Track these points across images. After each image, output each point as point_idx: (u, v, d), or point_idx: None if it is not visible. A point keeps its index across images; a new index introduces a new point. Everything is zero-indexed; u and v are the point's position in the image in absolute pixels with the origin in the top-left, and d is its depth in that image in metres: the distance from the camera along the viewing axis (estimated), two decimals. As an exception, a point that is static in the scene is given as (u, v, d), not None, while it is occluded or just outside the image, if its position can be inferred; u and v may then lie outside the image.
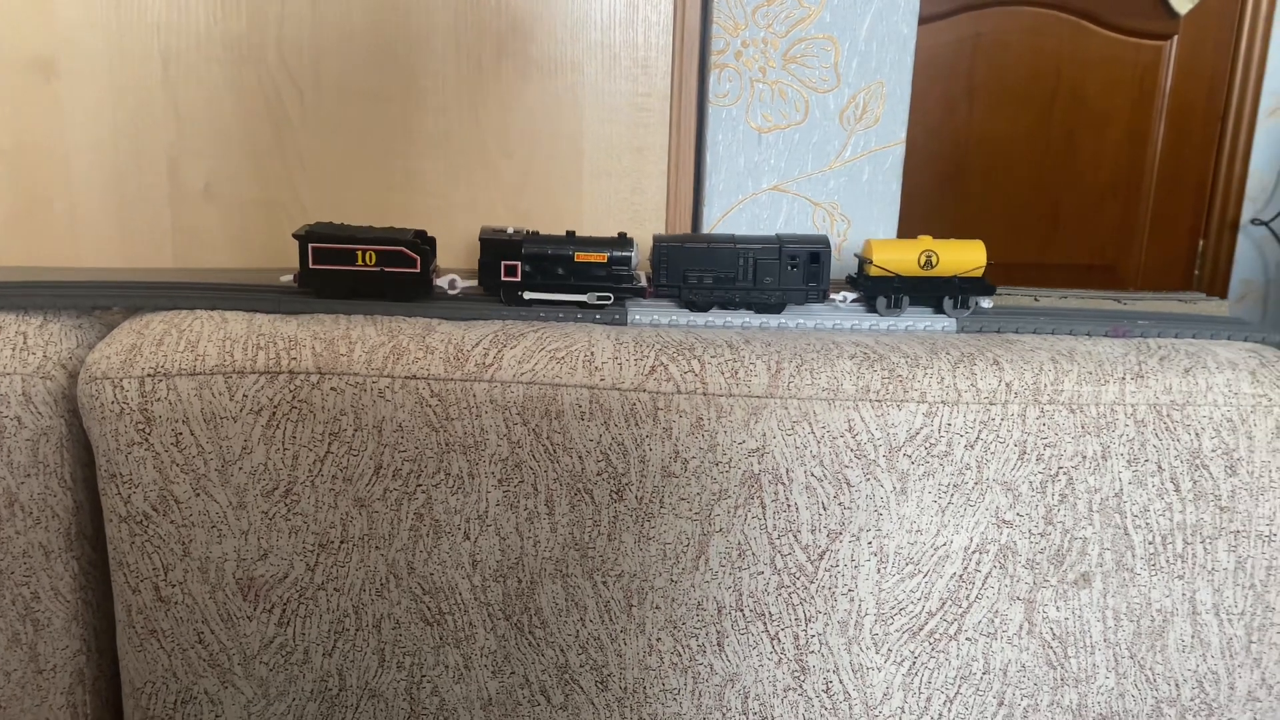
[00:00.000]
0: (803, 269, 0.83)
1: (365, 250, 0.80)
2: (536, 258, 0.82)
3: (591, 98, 0.95)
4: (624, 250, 0.82)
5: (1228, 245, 2.98)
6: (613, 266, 0.82)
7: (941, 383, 0.73)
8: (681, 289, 0.84)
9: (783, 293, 0.84)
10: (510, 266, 0.81)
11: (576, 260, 0.82)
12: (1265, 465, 0.75)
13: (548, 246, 0.82)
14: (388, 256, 0.80)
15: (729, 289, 0.84)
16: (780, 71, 0.94)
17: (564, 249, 0.82)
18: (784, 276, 0.83)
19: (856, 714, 0.77)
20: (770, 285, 0.84)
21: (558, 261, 0.82)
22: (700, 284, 0.83)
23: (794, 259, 0.83)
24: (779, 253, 0.83)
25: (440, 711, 0.76)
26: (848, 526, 0.73)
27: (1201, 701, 0.79)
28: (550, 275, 0.82)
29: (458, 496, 0.72)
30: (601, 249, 0.82)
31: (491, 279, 0.82)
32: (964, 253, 0.85)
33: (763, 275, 0.83)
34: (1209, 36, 2.80)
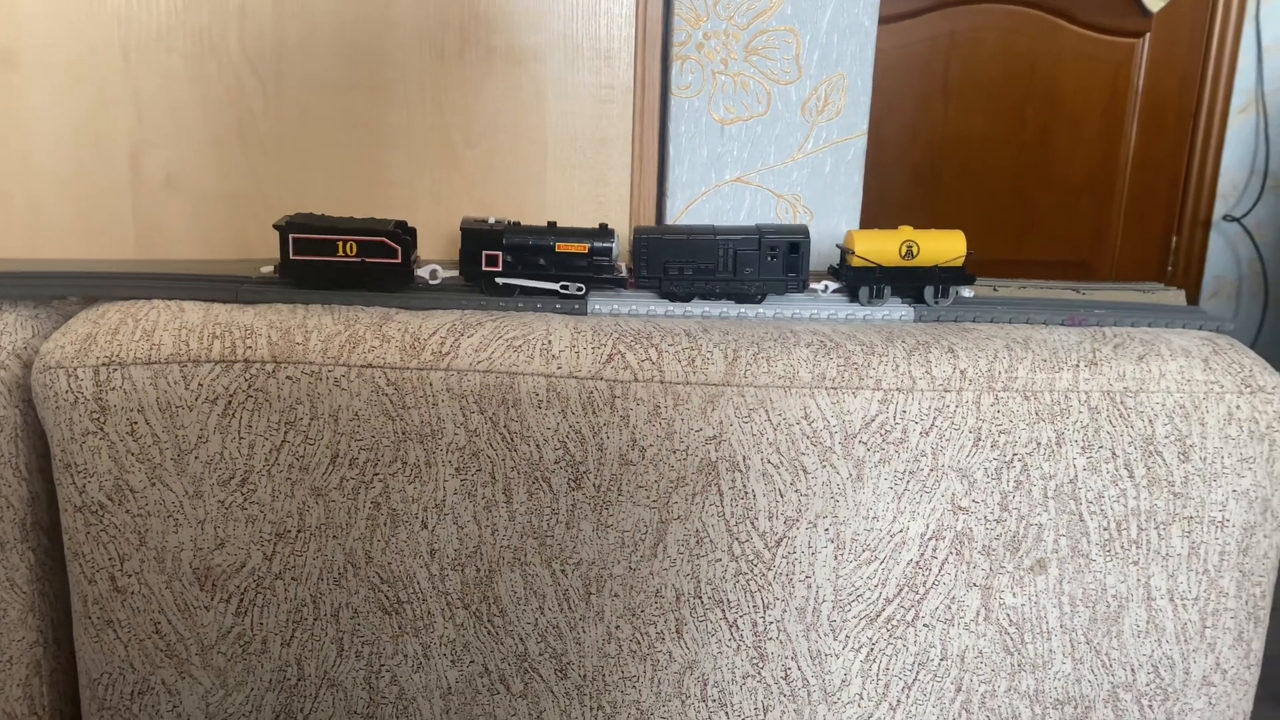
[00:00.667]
0: (782, 259, 0.84)
1: (346, 241, 0.80)
2: (517, 248, 0.82)
3: (555, 89, 0.95)
4: (605, 241, 0.83)
5: (1200, 242, 3.01)
6: (594, 257, 0.83)
7: (897, 370, 0.73)
8: (662, 280, 0.84)
9: (763, 283, 0.84)
10: (491, 256, 0.82)
11: (557, 250, 0.82)
12: (1217, 451, 0.76)
13: (529, 237, 0.82)
14: (369, 247, 0.80)
15: (709, 280, 0.84)
16: (742, 63, 0.94)
17: (545, 239, 0.82)
18: (764, 267, 0.84)
19: (815, 701, 0.77)
20: (750, 276, 0.84)
21: (538, 252, 0.82)
22: (681, 275, 0.83)
23: (774, 249, 0.83)
24: (759, 243, 0.84)
25: (399, 701, 0.76)
26: (804, 513, 0.74)
27: (1157, 686, 0.80)
28: (531, 265, 0.82)
29: (415, 485, 0.72)
30: (582, 239, 0.83)
31: (472, 269, 0.82)
32: (944, 243, 0.86)
33: (743, 266, 0.84)
34: (1181, 34, 2.82)
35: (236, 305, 0.75)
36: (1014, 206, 2.86)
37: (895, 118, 2.73)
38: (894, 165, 2.78)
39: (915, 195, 2.81)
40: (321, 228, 0.80)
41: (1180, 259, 3.01)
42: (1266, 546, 0.79)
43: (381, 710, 0.76)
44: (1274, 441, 0.76)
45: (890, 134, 2.74)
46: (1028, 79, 2.76)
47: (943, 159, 2.78)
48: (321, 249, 0.80)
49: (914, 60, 2.69)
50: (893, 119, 2.73)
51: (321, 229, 0.79)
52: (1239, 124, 2.95)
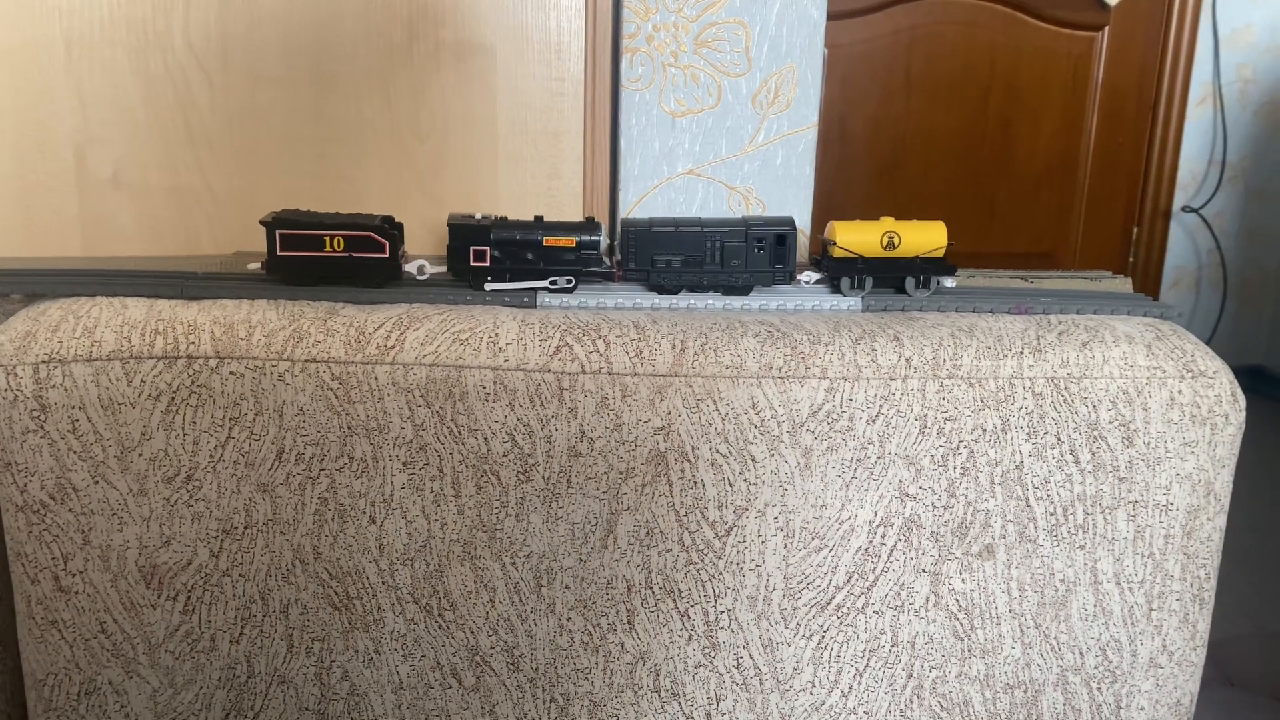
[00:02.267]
0: (769, 251, 0.84)
1: (333, 236, 0.79)
2: (505, 243, 0.82)
3: (505, 82, 0.95)
4: (592, 234, 0.83)
5: (1161, 232, 3.05)
6: (581, 250, 0.83)
7: (843, 359, 0.74)
8: (650, 272, 0.84)
9: (750, 274, 0.85)
10: (479, 252, 0.82)
11: (545, 245, 0.82)
12: (1161, 436, 0.77)
13: (516, 232, 0.82)
14: (356, 242, 0.79)
15: (697, 272, 0.84)
16: (692, 56, 0.94)
17: (532, 234, 0.82)
18: (751, 258, 0.84)
19: (767, 689, 0.78)
20: (737, 267, 0.85)
21: (526, 246, 0.82)
22: (669, 267, 0.84)
23: (760, 241, 0.84)
24: (745, 235, 0.84)
25: (351, 696, 0.76)
26: (754, 502, 0.74)
27: (1105, 669, 0.81)
28: (519, 260, 0.82)
29: (362, 480, 0.72)
30: (570, 233, 0.83)
31: (460, 264, 0.82)
32: (926, 234, 0.86)
33: (729, 258, 0.84)
34: (1139, 28, 2.85)
35: (181, 301, 0.74)
36: (976, 199, 2.89)
37: (858, 112, 2.75)
38: (858, 159, 2.80)
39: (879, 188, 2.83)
40: (308, 223, 0.79)
41: (1141, 250, 3.04)
42: (1210, 529, 0.80)
43: (333, 706, 0.76)
44: (1215, 425, 0.77)
45: (854, 128, 2.76)
46: (988, 72, 2.78)
47: (906, 152, 2.80)
48: (308, 244, 0.79)
49: (876, 55, 2.71)
50: (856, 113, 2.75)
51: (308, 224, 0.79)
52: (1197, 116, 2.99)
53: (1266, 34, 2.95)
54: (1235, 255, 3.13)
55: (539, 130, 0.96)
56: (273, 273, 0.80)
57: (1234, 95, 2.98)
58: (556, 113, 0.95)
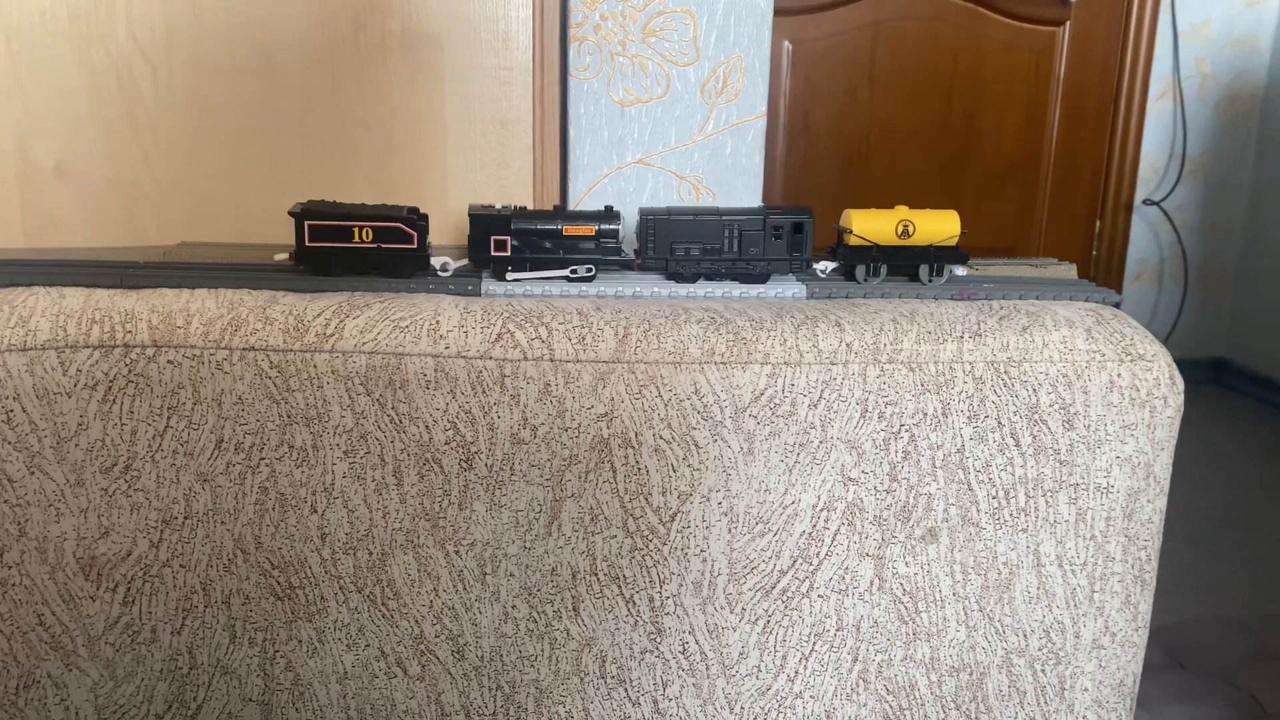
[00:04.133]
0: (786, 239, 0.85)
1: (362, 227, 0.80)
2: (525, 233, 0.82)
3: (452, 71, 0.94)
4: (611, 223, 0.84)
5: (1123, 226, 3.08)
6: (601, 239, 0.84)
7: (784, 344, 0.74)
8: (669, 261, 0.85)
9: (767, 263, 0.86)
10: (499, 241, 0.82)
11: (565, 234, 0.83)
12: (1100, 419, 0.77)
13: (536, 221, 0.83)
14: (385, 233, 0.80)
15: (715, 260, 0.85)
16: (640, 45, 0.95)
17: (552, 223, 0.83)
18: (768, 247, 0.85)
19: (714, 674, 0.78)
20: (755, 255, 0.86)
21: (546, 236, 0.83)
22: (687, 255, 0.85)
23: (778, 229, 0.85)
24: (763, 223, 0.85)
25: (295, 687, 0.76)
26: (697, 488, 0.74)
27: (1049, 651, 0.82)
28: (539, 250, 0.83)
29: (303, 469, 0.72)
30: (589, 222, 0.84)
31: (481, 254, 0.83)
32: (940, 222, 0.88)
33: (747, 246, 0.85)
34: (1099, 23, 2.88)
35: (120, 291, 0.74)
36: (940, 193, 2.91)
37: (823, 107, 2.76)
38: (823, 154, 2.81)
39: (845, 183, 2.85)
40: (337, 214, 0.80)
41: (1104, 243, 3.07)
42: (1150, 511, 0.81)
43: (277, 697, 0.76)
44: (1154, 408, 0.78)
45: (819, 123, 2.77)
46: (951, 67, 2.80)
47: (870, 147, 2.82)
48: (337, 235, 0.80)
49: (840, 50, 2.72)
50: (821, 108, 2.76)
51: (337, 215, 0.80)
52: (1157, 110, 3.02)
53: (1225, 29, 2.98)
54: (1196, 248, 3.16)
55: (488, 120, 0.96)
56: (301, 263, 0.81)
57: (1193, 90, 3.02)
58: (505, 102, 0.95)
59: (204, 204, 0.89)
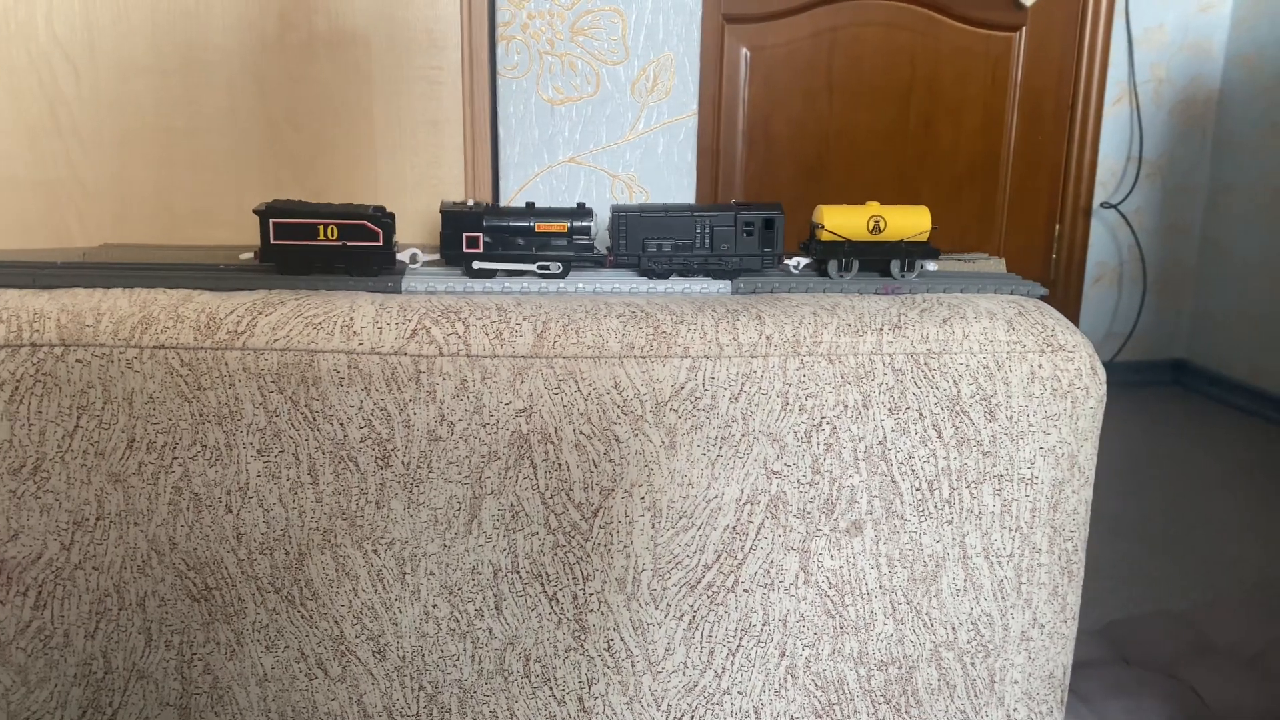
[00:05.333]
0: (758, 235, 0.86)
1: (327, 225, 0.80)
2: (497, 229, 0.83)
3: (381, 70, 0.94)
4: (583, 220, 0.84)
5: (1082, 229, 3.10)
6: (573, 236, 0.84)
7: (704, 337, 0.74)
8: (641, 257, 0.85)
9: (739, 258, 0.86)
10: (471, 238, 0.82)
11: (537, 231, 0.84)
12: (1023, 410, 0.78)
13: (508, 218, 0.83)
14: (350, 230, 0.80)
15: (688, 256, 0.86)
16: (569, 44, 0.94)
17: (525, 220, 0.83)
18: (740, 243, 0.86)
19: (639, 671, 0.77)
20: (727, 251, 0.86)
21: (518, 233, 0.83)
22: (660, 251, 0.85)
23: (749, 225, 0.85)
24: (734, 219, 0.85)
25: (214, 690, 0.75)
26: (619, 483, 0.74)
27: (978, 644, 0.82)
28: (511, 246, 0.83)
29: (216, 468, 0.71)
30: (561, 219, 0.84)
31: (453, 251, 0.83)
32: (910, 218, 0.89)
33: (719, 242, 0.86)
34: (1055, 28, 2.91)
35: (30, 290, 0.73)
36: (900, 198, 2.92)
37: (782, 113, 2.77)
38: (782, 160, 2.82)
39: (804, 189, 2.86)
40: (302, 212, 0.80)
41: (1064, 246, 3.09)
42: (1076, 502, 0.81)
43: (195, 701, 0.75)
44: (1077, 399, 0.78)
45: (778, 130, 2.78)
46: (909, 73, 2.82)
47: (830, 153, 2.83)
48: (303, 233, 0.80)
49: (797, 56, 2.73)
50: (779, 115, 2.77)
51: (302, 214, 0.80)
52: (1114, 114, 3.05)
53: (1179, 34, 3.02)
54: (1155, 251, 3.19)
55: (418, 120, 0.95)
56: (266, 261, 0.81)
57: (1149, 94, 3.05)
58: (435, 102, 0.95)
59: (130, 205, 0.88)
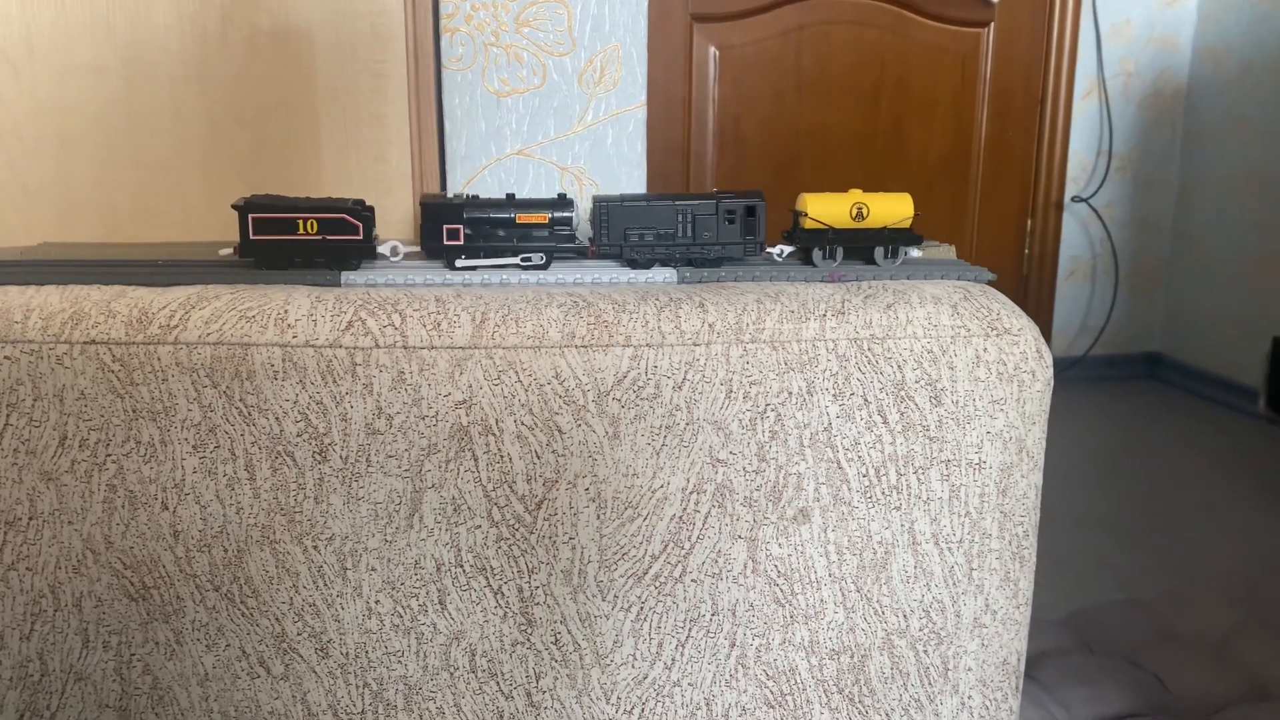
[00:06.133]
0: (739, 223, 0.86)
1: (307, 219, 0.80)
2: (478, 221, 0.82)
3: (325, 65, 0.93)
4: (564, 211, 0.84)
5: (1054, 224, 3.11)
6: (554, 227, 0.84)
7: (646, 326, 0.73)
8: (623, 247, 0.85)
9: (721, 247, 0.86)
10: (452, 230, 0.82)
11: (518, 222, 0.83)
12: (969, 394, 0.77)
13: (489, 210, 0.83)
14: (330, 224, 0.80)
15: (670, 245, 0.86)
16: (514, 35, 0.94)
17: (505, 211, 0.83)
18: (722, 231, 0.86)
19: (587, 664, 0.77)
20: (709, 240, 0.86)
21: (499, 224, 0.83)
22: (642, 241, 0.85)
23: (730, 213, 0.85)
24: (716, 208, 0.85)
25: (154, 690, 0.74)
26: (563, 474, 0.73)
27: (930, 631, 0.81)
28: (492, 238, 0.83)
29: (151, 465, 0.70)
30: (542, 210, 0.84)
31: (434, 243, 0.83)
32: (893, 205, 0.89)
33: (701, 231, 0.85)
34: (1023, 23, 2.92)
35: (-39, 289, 0.72)
36: (872, 195, 2.93)
37: (752, 113, 2.77)
38: (753, 159, 2.82)
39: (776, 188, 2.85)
40: (281, 207, 0.80)
41: (1036, 241, 3.10)
42: (1025, 486, 0.81)
43: (135, 702, 0.74)
44: (1023, 382, 0.78)
45: (748, 129, 2.78)
46: (879, 70, 2.82)
47: (800, 151, 2.83)
48: (282, 228, 0.80)
49: (766, 55, 2.73)
50: (749, 114, 2.77)
51: (281, 208, 0.80)
52: (1084, 108, 3.06)
53: (1145, 28, 3.03)
54: (1127, 244, 3.21)
55: (363, 114, 0.94)
56: (246, 257, 0.80)
57: (1118, 88, 3.06)
58: (380, 95, 0.94)
59: (72, 205, 0.87)
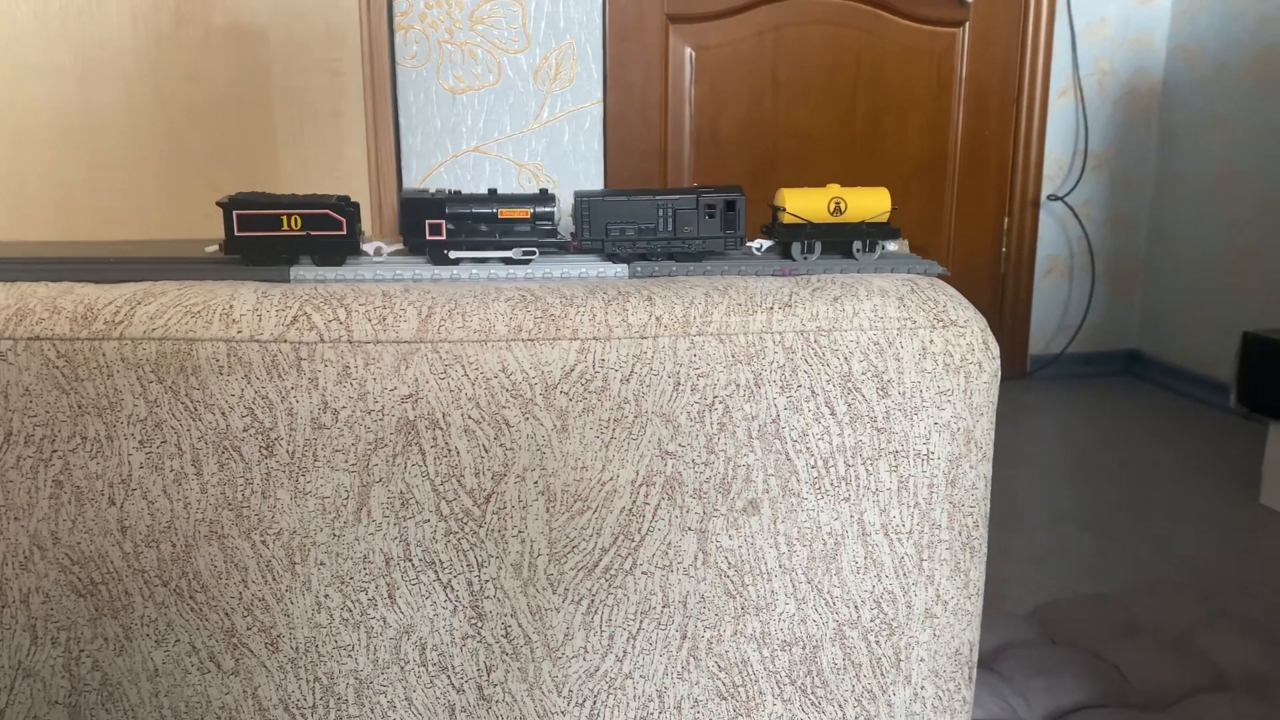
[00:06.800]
0: (720, 218, 0.87)
1: (291, 215, 0.80)
2: (460, 216, 0.83)
3: (280, 63, 0.93)
4: (546, 206, 0.85)
5: (1031, 222, 3.13)
6: (536, 222, 0.85)
7: (594, 319, 0.74)
8: (605, 242, 0.86)
9: (702, 241, 0.87)
10: (434, 225, 0.83)
11: (500, 217, 0.84)
12: (915, 385, 0.78)
13: (471, 205, 0.84)
14: (314, 220, 0.81)
15: (651, 240, 0.87)
16: (468, 32, 0.94)
17: (487, 206, 0.84)
18: (702, 226, 0.87)
19: (539, 657, 0.77)
20: (690, 234, 0.87)
21: (481, 219, 0.84)
22: (623, 236, 0.86)
23: (711, 208, 0.86)
24: (696, 202, 0.86)
25: (104, 687, 0.74)
26: (511, 467, 0.74)
27: (882, 622, 0.82)
28: (474, 233, 0.84)
29: (97, 461, 0.70)
30: (524, 205, 0.85)
31: (415, 239, 0.83)
32: (870, 200, 0.90)
33: (682, 225, 0.86)
34: (999, 23, 2.93)
35: (-93, 286, 0.72)
36: (849, 194, 2.94)
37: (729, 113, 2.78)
38: (731, 160, 2.83)
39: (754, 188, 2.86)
40: (265, 203, 0.80)
41: (1013, 239, 3.12)
42: (974, 477, 0.81)
43: (85, 699, 0.74)
44: (970, 374, 0.79)
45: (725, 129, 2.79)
46: (855, 70, 2.83)
47: (778, 151, 2.84)
48: (266, 224, 0.80)
49: (743, 56, 2.74)
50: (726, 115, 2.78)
51: (265, 204, 0.80)
52: (1059, 107, 3.07)
53: (1120, 27, 3.05)
54: (1104, 242, 3.22)
55: (319, 111, 0.95)
56: (231, 253, 0.81)
57: (1093, 87, 3.08)
58: (336, 93, 0.95)
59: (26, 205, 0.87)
